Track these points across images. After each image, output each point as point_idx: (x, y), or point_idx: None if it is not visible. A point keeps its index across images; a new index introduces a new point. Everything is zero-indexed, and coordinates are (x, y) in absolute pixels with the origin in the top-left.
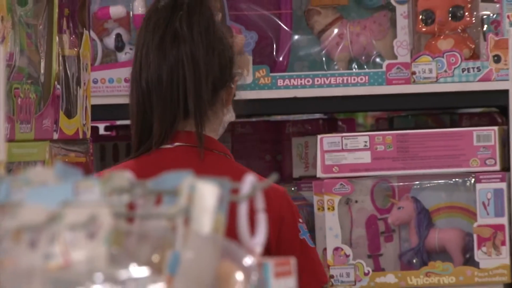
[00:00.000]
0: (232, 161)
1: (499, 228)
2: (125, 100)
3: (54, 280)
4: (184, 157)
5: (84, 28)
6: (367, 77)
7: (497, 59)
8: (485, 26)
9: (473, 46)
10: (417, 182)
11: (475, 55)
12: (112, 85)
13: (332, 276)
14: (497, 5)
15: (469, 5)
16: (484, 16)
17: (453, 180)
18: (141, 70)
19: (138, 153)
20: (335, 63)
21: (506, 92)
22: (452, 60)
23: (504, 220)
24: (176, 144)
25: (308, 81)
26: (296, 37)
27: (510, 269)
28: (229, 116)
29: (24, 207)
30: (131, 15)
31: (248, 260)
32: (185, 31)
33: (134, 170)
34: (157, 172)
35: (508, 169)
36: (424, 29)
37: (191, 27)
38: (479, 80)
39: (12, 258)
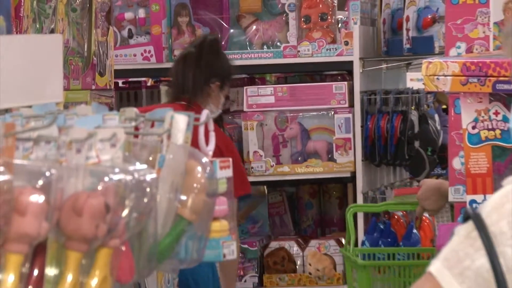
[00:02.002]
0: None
1: (347, 140)
2: (134, 67)
3: (91, 172)
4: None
5: (110, 25)
6: (272, 54)
7: (346, 43)
8: (340, 24)
9: (332, 36)
10: (301, 114)
11: (333, 41)
12: (126, 58)
13: (252, 167)
14: (346, 12)
15: (331, 12)
16: (339, 18)
17: (321, 112)
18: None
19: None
20: (254, 45)
21: (351, 62)
22: (321, 43)
23: (350, 135)
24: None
25: (238, 56)
26: (231, 30)
27: (354, 163)
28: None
29: (73, 129)
30: (137, 18)
31: (204, 159)
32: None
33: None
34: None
35: (352, 106)
36: (304, 26)
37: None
38: (336, 55)
39: (66, 158)
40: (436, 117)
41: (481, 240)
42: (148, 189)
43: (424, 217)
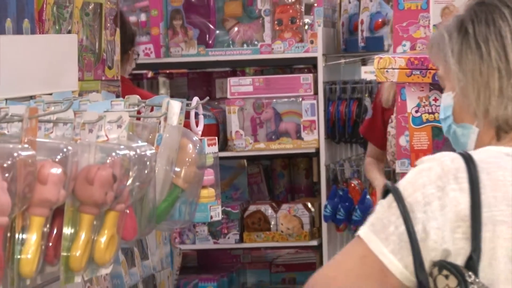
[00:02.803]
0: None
1: (312, 121)
2: (137, 61)
3: (101, 148)
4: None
5: (117, 27)
6: (250, 50)
7: (311, 42)
8: (306, 26)
9: (300, 36)
10: (274, 100)
11: (301, 40)
12: None
13: (234, 144)
14: (312, 16)
15: (299, 16)
16: (306, 21)
17: (291, 99)
18: None
19: None
20: (236, 44)
21: (316, 58)
22: (291, 42)
23: (315, 118)
24: None
25: (223, 52)
26: (217, 31)
27: (318, 141)
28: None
29: (86, 112)
30: (139, 21)
31: (195, 138)
32: None
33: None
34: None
35: (317, 94)
36: (277, 28)
37: None
38: (303, 52)
39: (80, 137)
40: None
41: (399, 209)
42: (148, 163)
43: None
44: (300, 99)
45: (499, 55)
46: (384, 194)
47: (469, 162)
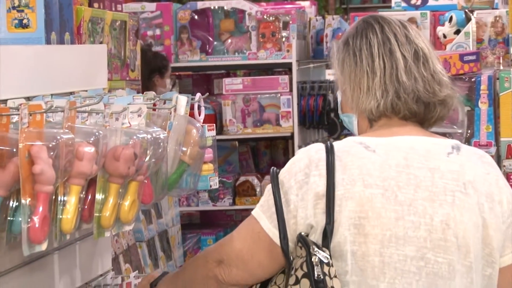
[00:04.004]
0: None
1: (288, 112)
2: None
3: (125, 132)
4: None
5: (138, 39)
6: (240, 57)
7: (287, 51)
8: (283, 38)
9: (279, 46)
10: (259, 95)
11: (280, 49)
12: None
13: (228, 129)
14: (288, 31)
15: (278, 31)
16: (283, 35)
17: (272, 95)
18: None
19: None
20: (229, 52)
21: (291, 63)
22: (272, 51)
23: (290, 110)
24: None
25: (219, 59)
26: (215, 42)
27: (292, 127)
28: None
29: (114, 104)
30: (155, 34)
31: (197, 124)
32: None
33: None
34: None
35: (292, 91)
36: (261, 40)
37: None
38: (282, 58)
39: (108, 124)
40: None
41: (273, 193)
42: (161, 144)
43: None
44: (279, 95)
45: (368, 61)
46: (271, 179)
47: (329, 152)
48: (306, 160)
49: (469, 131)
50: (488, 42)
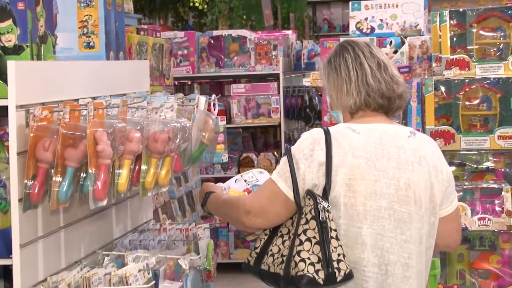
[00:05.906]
0: None
1: (277, 108)
2: (182, 75)
3: (161, 122)
4: None
5: (171, 56)
6: (243, 70)
7: (276, 65)
8: (274, 56)
9: (271, 62)
10: (257, 96)
11: (271, 64)
12: (178, 71)
13: (235, 120)
14: (277, 51)
15: (270, 50)
16: (273, 54)
17: (266, 96)
18: None
19: None
20: (235, 66)
21: (278, 74)
22: (265, 65)
23: (278, 106)
24: None
25: (229, 71)
26: (225, 59)
27: (280, 118)
28: None
29: (154, 102)
30: (183, 53)
31: (213, 116)
32: None
33: None
34: None
35: (279, 93)
36: (258, 57)
37: None
38: (272, 71)
39: (150, 116)
40: (316, 98)
41: (290, 163)
42: (187, 130)
43: None
44: (270, 96)
45: (345, 72)
46: (286, 153)
47: (327, 133)
48: (311, 139)
49: (404, 121)
50: (417, 59)
